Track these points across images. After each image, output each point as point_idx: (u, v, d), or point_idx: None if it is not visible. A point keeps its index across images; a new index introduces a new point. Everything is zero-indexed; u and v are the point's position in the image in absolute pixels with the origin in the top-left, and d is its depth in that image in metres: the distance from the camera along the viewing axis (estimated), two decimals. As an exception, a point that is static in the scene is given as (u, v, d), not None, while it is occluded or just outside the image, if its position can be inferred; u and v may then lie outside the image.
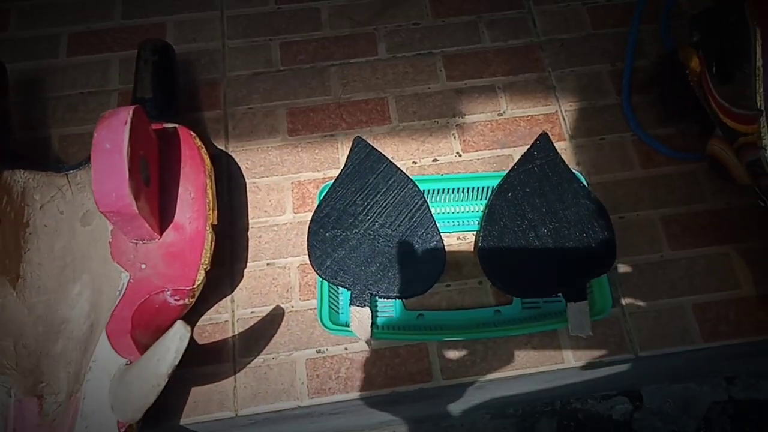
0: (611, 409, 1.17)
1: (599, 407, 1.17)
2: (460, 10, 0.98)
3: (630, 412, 1.16)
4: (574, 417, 1.16)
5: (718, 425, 1.16)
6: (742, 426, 1.17)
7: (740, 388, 1.19)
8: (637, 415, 1.16)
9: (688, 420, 1.16)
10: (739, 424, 1.17)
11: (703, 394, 1.18)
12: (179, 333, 0.52)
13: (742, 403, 1.18)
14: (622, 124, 0.88)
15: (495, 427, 1.15)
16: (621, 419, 1.16)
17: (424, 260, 0.72)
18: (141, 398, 0.53)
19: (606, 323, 0.76)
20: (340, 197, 0.75)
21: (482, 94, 0.91)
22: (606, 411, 1.16)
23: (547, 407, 1.16)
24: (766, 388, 1.19)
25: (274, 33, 0.96)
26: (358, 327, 0.68)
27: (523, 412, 1.15)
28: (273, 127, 0.88)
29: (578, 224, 0.73)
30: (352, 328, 0.68)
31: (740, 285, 0.78)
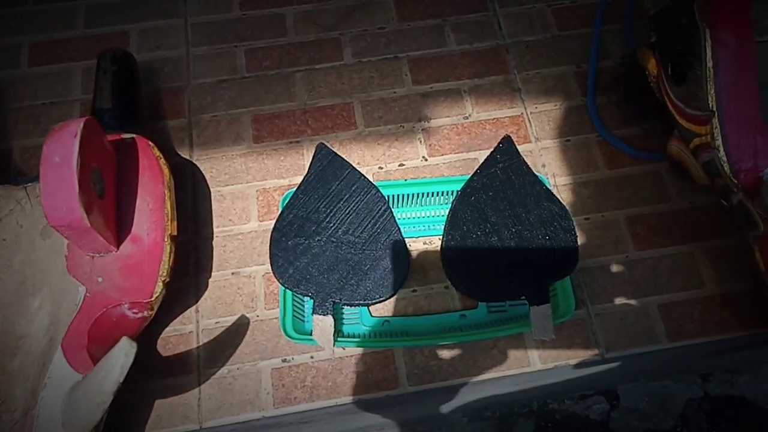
0: (588, 408, 1.17)
1: (576, 407, 1.17)
2: (426, 13, 0.98)
3: (607, 411, 1.17)
4: (552, 418, 1.16)
5: (694, 422, 1.17)
6: (718, 422, 1.17)
7: (715, 385, 1.20)
8: (614, 414, 1.16)
9: (665, 418, 1.17)
10: (715, 421, 1.17)
11: (679, 391, 1.19)
12: (124, 350, 0.52)
13: (717, 400, 1.19)
14: (587, 125, 0.89)
15: (473, 429, 1.15)
16: (598, 419, 1.16)
17: (387, 266, 0.71)
18: (87, 416, 0.52)
19: (572, 325, 0.76)
20: (303, 205, 0.74)
21: (448, 98, 0.91)
22: (583, 411, 1.17)
23: (525, 408, 1.16)
24: (741, 383, 1.20)
25: (238, 39, 0.95)
26: (321, 336, 0.68)
27: (501, 414, 1.15)
28: (238, 135, 0.88)
29: (541, 227, 0.73)
30: (315, 337, 0.68)
31: (704, 284, 0.79)
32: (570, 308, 0.71)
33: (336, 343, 0.70)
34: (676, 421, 1.16)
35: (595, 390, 1.17)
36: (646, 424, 1.16)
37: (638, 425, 1.15)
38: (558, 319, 0.70)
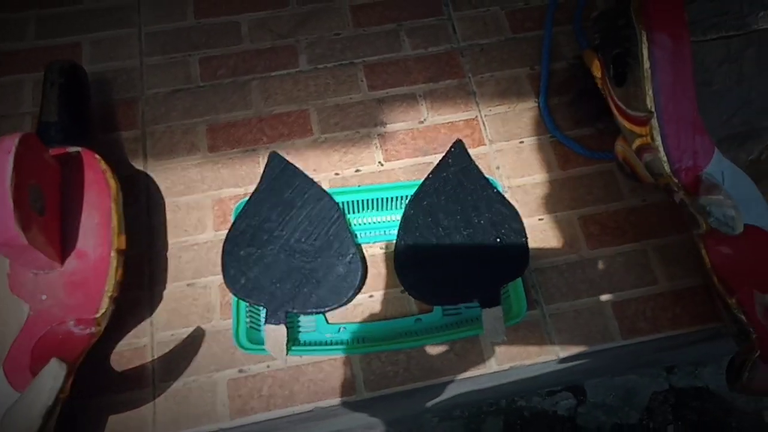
0: (556, 405, 1.18)
1: (544, 404, 1.18)
2: (381, 18, 0.98)
3: (574, 407, 1.18)
4: (520, 415, 1.17)
5: (660, 414, 1.19)
6: (684, 413, 1.19)
7: (679, 377, 1.22)
8: (581, 409, 1.18)
9: (631, 411, 1.18)
10: (681, 412, 1.19)
11: (644, 385, 1.21)
12: (53, 372, 0.51)
13: (682, 391, 1.21)
14: (540, 127, 0.89)
15: (443, 429, 1.15)
16: (566, 414, 1.17)
17: (340, 274, 0.71)
18: (21, 439, 0.51)
19: (527, 326, 0.77)
20: (255, 214, 0.74)
21: (403, 103, 0.91)
22: (551, 407, 1.18)
23: (493, 407, 1.17)
24: (704, 375, 1.22)
25: (193, 48, 0.94)
26: (273, 345, 0.68)
27: (470, 414, 1.16)
28: (193, 145, 0.87)
29: (492, 230, 0.74)
30: (267, 347, 0.68)
31: (657, 281, 0.80)
32: (522, 310, 0.72)
33: (290, 352, 0.70)
34: (641, 414, 1.18)
35: (562, 386, 1.19)
36: (612, 418, 1.17)
37: (605, 420, 1.17)
38: (510, 321, 0.71)
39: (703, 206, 0.53)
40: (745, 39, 0.75)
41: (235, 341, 0.69)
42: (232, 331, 0.70)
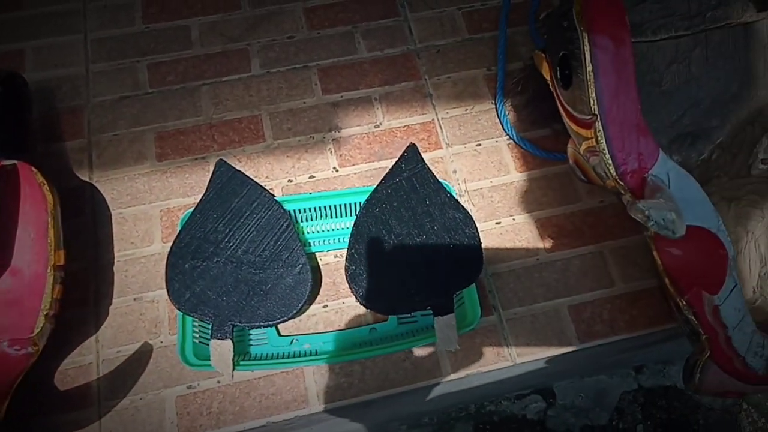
0: (525, 408, 1.17)
1: (513, 408, 1.17)
2: (336, 20, 0.96)
3: (543, 409, 1.17)
4: (490, 420, 1.16)
5: (629, 414, 1.19)
6: (652, 412, 1.19)
7: (648, 376, 1.22)
8: (551, 412, 1.17)
9: (600, 412, 1.18)
10: (649, 411, 1.19)
11: (613, 385, 1.20)
12: None
13: (650, 391, 1.21)
14: (498, 129, 0.88)
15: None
16: (535, 417, 1.17)
17: (289, 285, 0.70)
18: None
19: (483, 331, 0.76)
20: (201, 225, 0.72)
21: (358, 106, 0.89)
22: (520, 411, 1.17)
23: (462, 412, 1.16)
24: (672, 373, 1.22)
25: (141, 54, 0.92)
26: (219, 361, 0.66)
27: (439, 420, 1.15)
28: (140, 153, 0.84)
29: (445, 236, 0.72)
30: (213, 363, 0.66)
31: (614, 283, 0.79)
32: (476, 317, 0.70)
33: (238, 367, 0.68)
34: (611, 415, 1.18)
35: (531, 389, 1.18)
36: (582, 419, 1.17)
37: (575, 421, 1.16)
38: (464, 329, 0.70)
39: (641, 210, 0.52)
40: (693, 39, 0.74)
41: (181, 357, 0.67)
42: (178, 347, 0.68)
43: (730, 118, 0.75)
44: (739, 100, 0.74)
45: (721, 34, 0.74)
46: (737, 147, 0.73)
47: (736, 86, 0.74)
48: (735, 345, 0.62)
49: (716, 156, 0.74)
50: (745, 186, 0.70)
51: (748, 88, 0.74)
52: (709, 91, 0.75)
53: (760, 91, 0.73)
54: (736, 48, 0.74)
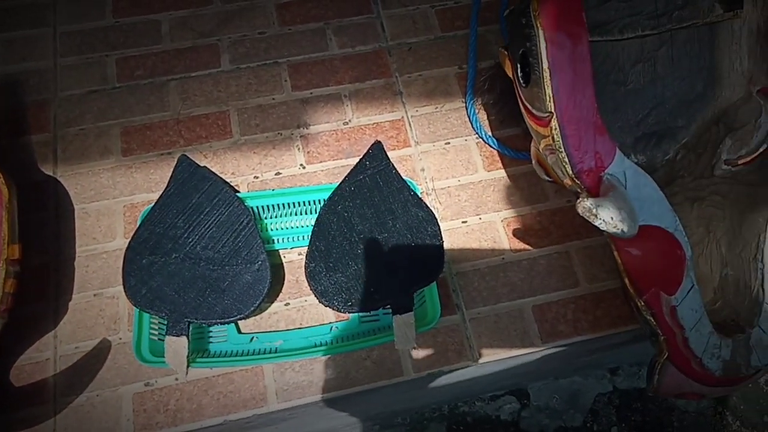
0: (499, 409, 1.17)
1: (487, 408, 1.17)
2: (308, 17, 0.95)
3: (517, 411, 1.17)
4: (463, 420, 1.16)
5: (604, 416, 1.18)
6: (627, 415, 1.19)
7: (623, 378, 1.21)
8: (525, 413, 1.17)
9: (575, 414, 1.18)
10: (624, 413, 1.19)
11: (588, 387, 1.20)
12: None
13: (626, 393, 1.20)
14: (467, 127, 0.88)
15: (385, 437, 1.13)
16: (509, 419, 1.16)
17: (247, 282, 0.69)
18: None
19: (446, 331, 0.75)
20: (160, 221, 0.71)
21: (328, 103, 0.89)
22: (494, 412, 1.17)
23: (435, 413, 1.15)
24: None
25: (110, 48, 0.91)
26: (173, 358, 0.65)
27: (412, 420, 1.14)
28: (106, 148, 0.84)
29: (407, 234, 0.72)
30: (167, 360, 0.65)
31: (579, 283, 0.79)
32: (436, 315, 0.70)
33: (195, 364, 0.67)
34: (585, 417, 1.17)
35: (505, 390, 1.18)
36: (556, 421, 1.16)
37: (548, 423, 1.16)
38: (423, 327, 0.69)
39: (588, 208, 0.52)
40: (658, 38, 0.74)
41: (136, 354, 0.66)
42: (133, 343, 0.67)
43: (695, 118, 0.74)
44: (704, 100, 0.74)
45: (687, 33, 0.74)
46: (702, 147, 0.73)
47: (702, 86, 0.74)
48: (692, 346, 0.62)
49: (681, 156, 0.74)
50: (708, 186, 0.70)
51: (713, 88, 0.74)
52: (674, 90, 0.75)
53: (725, 91, 0.73)
54: (702, 48, 0.73)
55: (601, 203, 0.52)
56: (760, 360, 0.63)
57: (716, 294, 0.68)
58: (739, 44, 0.72)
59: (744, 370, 0.63)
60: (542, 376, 1.16)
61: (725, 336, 0.63)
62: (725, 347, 0.62)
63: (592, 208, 0.51)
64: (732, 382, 0.63)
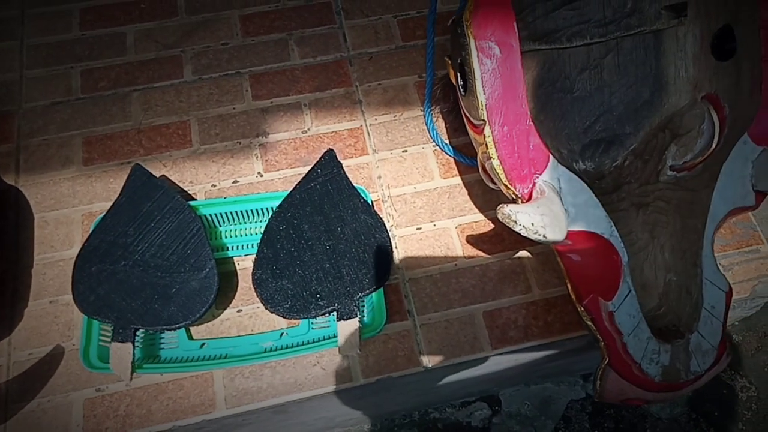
0: (470, 416, 1.17)
1: (458, 415, 1.17)
2: (271, 28, 0.97)
3: (489, 417, 1.16)
4: (434, 427, 1.15)
5: (576, 423, 1.18)
6: (600, 421, 1.18)
7: (596, 384, 1.20)
8: (496, 419, 1.16)
9: (546, 420, 1.17)
10: (597, 420, 1.18)
11: (560, 393, 1.20)
12: None
13: (598, 399, 1.19)
14: (424, 135, 0.89)
15: (355, 444, 1.13)
16: (480, 425, 1.16)
17: (194, 289, 0.70)
18: None
19: (397, 336, 0.76)
20: (111, 229, 0.72)
21: (287, 112, 0.90)
22: (465, 418, 1.16)
23: (406, 419, 1.15)
24: (620, 382, 1.21)
25: (76, 60, 0.93)
26: (118, 364, 0.66)
27: (382, 427, 1.14)
28: (67, 158, 0.85)
29: (355, 240, 0.73)
30: (111, 366, 0.66)
31: (531, 289, 0.79)
32: (382, 322, 0.70)
33: (141, 370, 0.68)
34: (557, 423, 1.17)
35: (476, 396, 1.18)
36: (527, 428, 1.16)
37: (519, 429, 1.16)
38: (368, 334, 0.70)
39: (507, 215, 0.52)
40: (604, 46, 0.74)
41: (83, 360, 0.67)
42: (80, 350, 0.68)
43: (643, 125, 0.75)
44: (651, 107, 0.75)
45: (633, 41, 0.74)
46: (649, 153, 0.73)
47: (648, 93, 0.75)
48: (631, 351, 0.62)
49: (629, 162, 0.75)
50: (653, 192, 0.70)
51: (660, 94, 0.74)
52: (621, 97, 0.75)
53: (671, 97, 0.74)
54: (647, 55, 0.74)
55: (521, 210, 0.53)
56: (699, 365, 0.63)
57: (661, 300, 0.68)
58: (684, 51, 0.72)
59: (684, 375, 0.62)
60: (513, 383, 1.16)
61: (665, 341, 0.63)
62: (664, 353, 0.62)
63: (511, 215, 0.52)
64: (673, 388, 0.63)
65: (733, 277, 0.80)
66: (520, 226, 0.52)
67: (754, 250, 0.81)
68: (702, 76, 0.71)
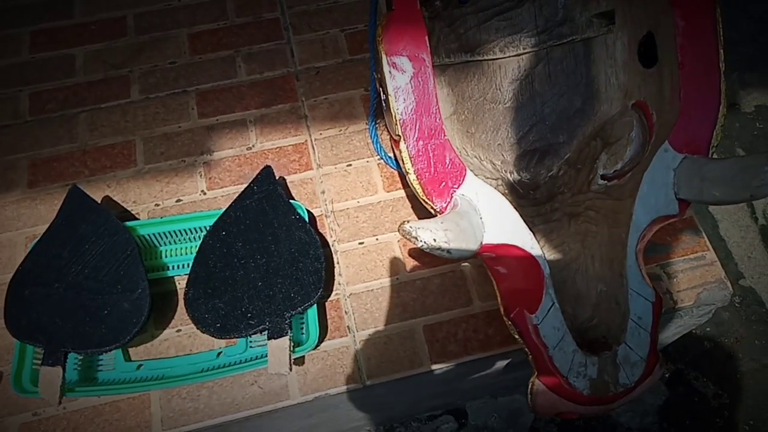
0: (436, 429, 1.16)
1: (424, 428, 1.16)
2: (219, 45, 0.97)
3: (455, 430, 1.15)
4: (400, 441, 1.14)
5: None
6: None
7: (564, 394, 1.19)
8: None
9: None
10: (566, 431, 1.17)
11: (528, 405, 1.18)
12: None
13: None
14: (370, 149, 0.89)
15: (319, 460, 1.12)
16: (447, 438, 1.15)
17: (125, 310, 0.70)
18: None
19: (336, 353, 0.75)
20: (46, 251, 0.73)
21: (233, 129, 0.90)
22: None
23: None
24: (589, 391, 1.19)
25: (24, 83, 0.93)
26: (47, 388, 0.66)
27: (346, 442, 1.13)
28: (12, 181, 0.86)
29: (289, 258, 0.72)
30: (40, 389, 0.66)
31: (472, 301, 0.78)
32: (314, 339, 0.70)
33: (73, 393, 0.68)
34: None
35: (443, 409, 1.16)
36: (494, 440, 1.15)
37: (487, 442, 1.14)
38: (300, 350, 0.69)
39: (407, 231, 0.52)
40: (535, 56, 0.74)
41: (14, 385, 0.67)
42: (12, 375, 0.68)
43: (576, 134, 0.74)
44: (584, 116, 0.74)
45: (562, 50, 0.74)
46: (581, 162, 0.72)
47: (580, 101, 0.74)
48: (557, 365, 0.61)
49: (563, 172, 0.74)
50: (584, 202, 0.70)
51: (592, 103, 0.74)
52: (553, 107, 0.75)
53: (603, 105, 0.73)
54: (578, 63, 0.74)
55: (423, 225, 0.52)
56: (628, 378, 0.62)
57: (594, 311, 0.67)
58: (614, 58, 0.72)
59: (613, 388, 0.62)
60: (476, 395, 1.14)
61: (594, 354, 0.62)
62: (591, 365, 0.61)
63: (411, 231, 0.51)
64: (603, 401, 0.62)
65: (678, 284, 0.79)
66: (422, 242, 0.52)
67: (700, 257, 0.80)
68: (632, 83, 0.70)
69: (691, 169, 0.60)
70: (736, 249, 1.34)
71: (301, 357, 0.74)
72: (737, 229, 1.36)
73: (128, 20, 0.99)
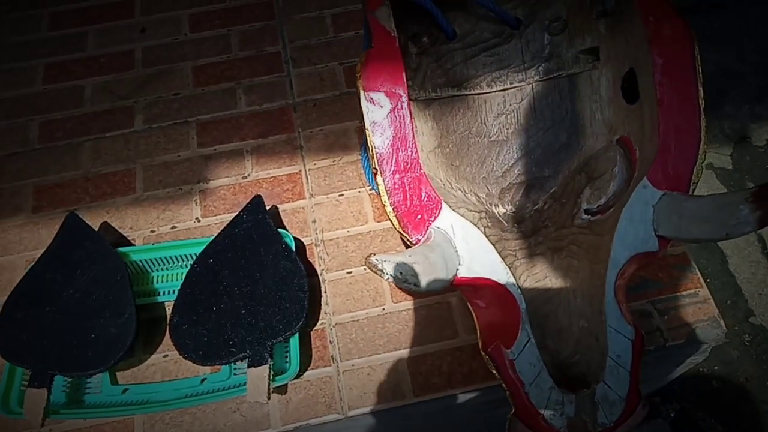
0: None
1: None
2: (221, 77, 1.01)
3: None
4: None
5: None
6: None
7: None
8: (458, 467, 1.13)
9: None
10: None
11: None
12: None
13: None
14: (362, 179, 0.90)
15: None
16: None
17: (112, 334, 0.71)
18: None
19: (319, 383, 0.75)
20: (40, 275, 0.75)
21: (230, 159, 0.92)
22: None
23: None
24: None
25: (35, 113, 0.98)
26: (31, 410, 0.67)
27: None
28: (17, 207, 0.89)
29: (273, 286, 0.73)
30: (25, 411, 0.67)
31: (457, 334, 0.78)
32: (294, 368, 0.70)
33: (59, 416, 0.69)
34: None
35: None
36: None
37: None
38: (278, 380, 0.70)
39: (374, 264, 0.52)
40: (520, 91, 0.75)
41: (0, 406, 0.69)
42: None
43: (561, 168, 0.74)
44: (569, 150, 0.74)
45: (547, 85, 0.75)
46: (566, 197, 0.72)
47: (566, 136, 0.74)
48: (533, 401, 0.60)
49: (548, 206, 0.74)
50: (568, 236, 0.69)
51: (577, 137, 0.74)
52: (539, 141, 0.75)
53: (588, 140, 0.73)
54: (563, 98, 0.74)
55: (389, 259, 0.53)
56: (607, 417, 0.60)
57: (576, 347, 0.66)
58: (599, 94, 0.72)
59: (591, 427, 0.60)
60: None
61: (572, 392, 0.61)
62: (568, 403, 0.60)
63: (377, 264, 0.52)
64: (582, 441, 0.61)
65: (669, 322, 0.77)
66: (388, 275, 0.52)
67: (692, 293, 0.79)
68: (617, 118, 0.70)
69: (670, 206, 0.59)
70: (746, 285, 1.31)
71: (283, 386, 0.75)
72: (747, 264, 1.32)
73: (136, 53, 1.03)
